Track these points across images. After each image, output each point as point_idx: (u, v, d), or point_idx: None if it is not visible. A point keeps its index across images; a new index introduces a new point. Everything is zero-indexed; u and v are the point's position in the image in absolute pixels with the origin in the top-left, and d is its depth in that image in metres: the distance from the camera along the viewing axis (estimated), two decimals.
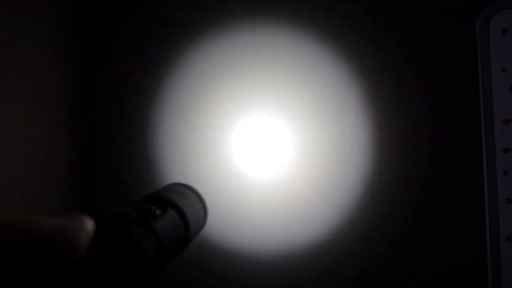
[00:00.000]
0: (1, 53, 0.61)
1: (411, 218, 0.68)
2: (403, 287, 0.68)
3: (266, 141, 0.71)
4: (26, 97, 0.65)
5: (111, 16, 0.78)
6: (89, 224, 0.21)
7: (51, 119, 0.71)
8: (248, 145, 0.72)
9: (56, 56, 0.73)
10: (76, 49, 0.77)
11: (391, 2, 0.69)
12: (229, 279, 0.73)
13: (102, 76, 0.78)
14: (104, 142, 0.77)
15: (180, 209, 0.26)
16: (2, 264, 0.18)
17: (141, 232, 0.22)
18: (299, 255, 0.71)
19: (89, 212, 0.22)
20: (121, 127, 0.77)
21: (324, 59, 0.71)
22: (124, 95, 0.77)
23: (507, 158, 0.60)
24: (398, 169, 0.68)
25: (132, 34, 0.77)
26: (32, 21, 0.67)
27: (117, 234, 0.21)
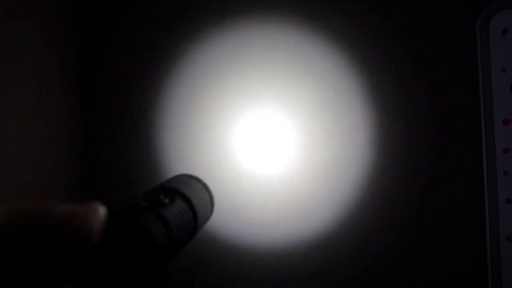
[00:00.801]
0: (1, 53, 0.61)
1: (411, 217, 0.68)
2: (403, 287, 0.68)
3: (269, 139, 0.72)
4: (26, 97, 0.65)
5: (111, 16, 0.78)
6: (102, 210, 0.21)
7: (51, 119, 0.71)
8: (251, 143, 0.72)
9: (56, 56, 0.73)
10: (76, 49, 0.77)
11: (391, 1, 0.69)
12: (230, 273, 0.73)
13: (102, 76, 0.78)
14: (105, 142, 0.77)
15: (188, 198, 0.26)
16: (19, 248, 0.18)
17: (151, 219, 0.22)
18: (300, 251, 0.71)
19: None
20: (122, 126, 0.77)
21: (326, 58, 0.71)
22: (124, 95, 0.77)
23: (507, 158, 0.60)
24: (397, 169, 0.68)
25: (132, 34, 0.77)
26: (32, 21, 0.67)
27: (127, 222, 0.22)
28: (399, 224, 0.68)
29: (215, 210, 0.32)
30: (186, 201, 0.26)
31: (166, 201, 0.25)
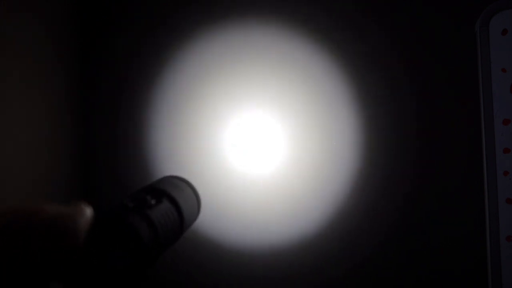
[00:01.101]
0: (1, 53, 0.61)
1: (411, 218, 0.68)
2: (403, 287, 0.68)
3: (259, 139, 0.72)
4: (26, 97, 0.65)
5: (111, 16, 0.78)
6: (88, 211, 0.22)
7: (51, 119, 0.71)
8: (242, 143, 0.72)
9: (56, 56, 0.73)
10: (76, 49, 0.77)
11: (391, 2, 0.69)
12: (224, 274, 0.73)
13: (102, 76, 0.78)
14: (104, 142, 0.77)
15: (174, 200, 0.27)
16: (10, 248, 0.19)
17: (137, 220, 0.23)
18: (290, 251, 0.71)
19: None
20: (121, 126, 0.77)
21: (320, 58, 0.71)
22: (124, 95, 0.77)
23: (507, 158, 0.60)
24: (397, 169, 0.68)
25: (132, 34, 0.77)
26: (32, 21, 0.67)
27: (114, 222, 0.22)
28: (399, 224, 0.68)
29: (206, 210, 0.32)
30: (172, 202, 0.27)
31: (153, 202, 0.25)
